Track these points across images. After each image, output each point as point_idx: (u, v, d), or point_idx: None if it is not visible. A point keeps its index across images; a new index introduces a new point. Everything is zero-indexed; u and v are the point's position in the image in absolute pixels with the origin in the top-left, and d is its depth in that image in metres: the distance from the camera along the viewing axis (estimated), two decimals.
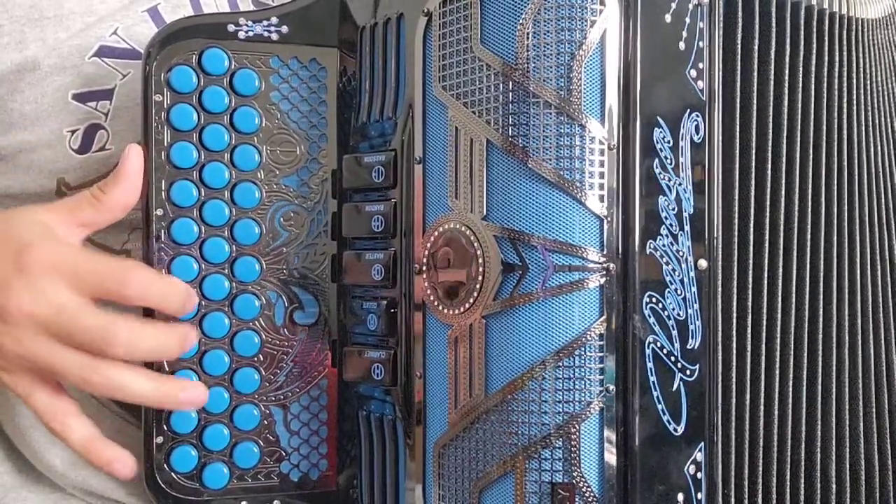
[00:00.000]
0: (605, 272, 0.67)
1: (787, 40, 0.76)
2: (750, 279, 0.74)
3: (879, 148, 0.82)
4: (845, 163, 0.79)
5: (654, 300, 0.68)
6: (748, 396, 0.74)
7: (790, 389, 0.76)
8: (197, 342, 0.75)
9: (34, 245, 0.70)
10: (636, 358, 0.67)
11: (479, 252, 0.68)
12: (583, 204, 0.67)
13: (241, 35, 0.78)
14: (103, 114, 0.82)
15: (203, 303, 0.77)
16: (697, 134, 0.71)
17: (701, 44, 0.71)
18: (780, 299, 0.75)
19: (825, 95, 0.78)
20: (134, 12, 0.83)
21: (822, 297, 0.78)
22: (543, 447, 0.66)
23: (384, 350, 0.76)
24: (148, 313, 0.75)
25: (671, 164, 0.69)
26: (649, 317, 0.68)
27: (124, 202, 0.74)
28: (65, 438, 0.72)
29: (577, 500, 0.66)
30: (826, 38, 0.78)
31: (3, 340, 0.69)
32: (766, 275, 0.75)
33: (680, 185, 0.70)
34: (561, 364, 0.66)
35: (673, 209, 0.69)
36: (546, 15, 0.67)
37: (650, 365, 0.68)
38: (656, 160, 0.68)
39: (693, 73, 0.70)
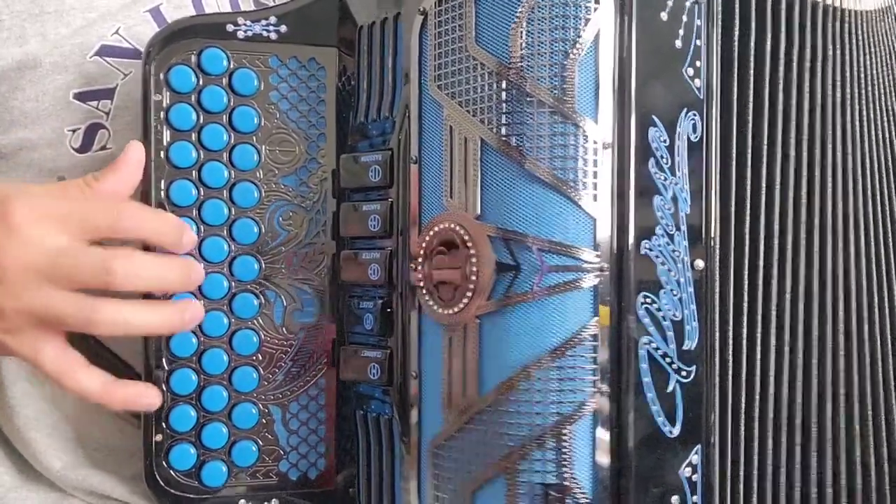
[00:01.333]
0: (599, 272, 0.66)
1: (783, 36, 0.75)
2: (746, 280, 0.73)
3: (876, 144, 0.81)
4: (839, 160, 0.78)
5: (648, 300, 0.67)
6: (744, 398, 0.73)
7: (784, 393, 0.75)
8: (203, 272, 0.76)
9: (15, 197, 0.69)
10: (629, 359, 0.67)
11: (472, 252, 0.68)
12: (577, 204, 0.66)
13: (240, 35, 0.78)
14: (104, 113, 0.82)
15: (202, 302, 0.77)
16: (694, 133, 0.70)
17: (698, 42, 0.70)
18: (774, 301, 0.74)
19: (819, 92, 0.77)
20: (136, 12, 0.84)
21: (816, 298, 0.77)
22: (536, 448, 0.66)
23: (380, 350, 0.76)
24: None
25: (667, 163, 0.69)
26: (644, 317, 0.67)
27: (116, 193, 0.74)
28: (81, 392, 0.71)
29: (568, 502, 0.66)
30: (820, 32, 0.77)
31: (2, 301, 0.68)
32: (762, 275, 0.74)
33: (676, 184, 0.69)
34: (554, 364, 0.66)
35: (669, 209, 0.69)
36: (540, 14, 0.66)
37: (644, 366, 0.67)
38: (652, 160, 0.68)
39: (690, 71, 0.70)
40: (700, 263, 0.70)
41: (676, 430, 0.69)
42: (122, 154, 0.75)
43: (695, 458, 0.69)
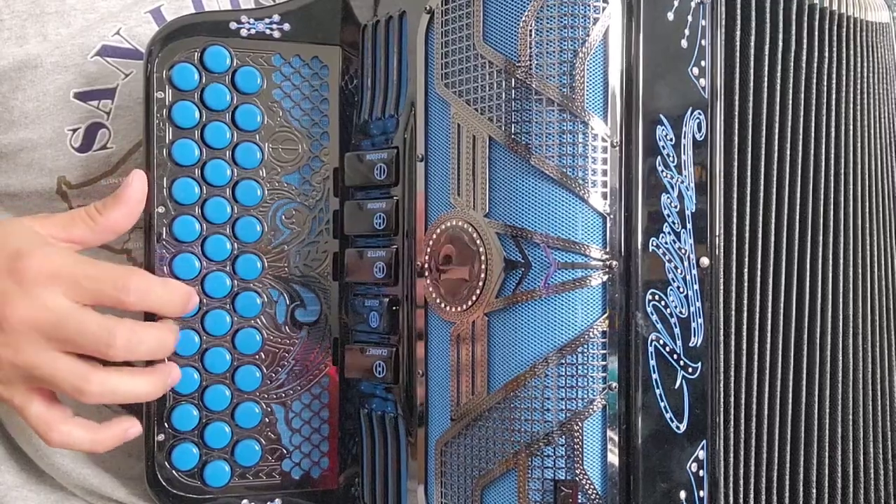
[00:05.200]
0: (607, 269, 0.67)
1: (780, 36, 0.76)
2: (746, 277, 0.74)
3: (877, 148, 0.83)
4: (839, 160, 0.80)
5: (656, 298, 0.68)
6: (744, 394, 0.74)
7: (778, 390, 0.76)
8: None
9: (29, 253, 0.69)
10: (639, 355, 0.67)
11: (481, 249, 0.68)
12: (585, 201, 0.67)
13: (244, 33, 0.78)
14: (105, 112, 0.82)
15: (205, 300, 0.77)
16: (700, 132, 0.71)
17: (703, 42, 0.71)
18: (771, 297, 0.75)
19: (814, 92, 0.78)
20: (137, 13, 0.83)
21: (808, 297, 0.78)
22: (546, 444, 0.66)
23: (386, 348, 0.76)
24: (149, 318, 0.75)
25: (674, 161, 0.69)
26: (652, 314, 0.68)
27: (120, 227, 0.74)
28: (70, 445, 0.72)
29: (579, 497, 0.66)
30: (816, 34, 0.78)
31: (1, 351, 0.69)
32: (761, 273, 0.75)
33: (682, 182, 0.70)
34: (563, 361, 0.66)
35: (675, 207, 0.69)
36: (549, 12, 0.67)
37: (652, 363, 0.68)
38: (659, 158, 0.68)
39: (695, 70, 0.71)
40: (705, 261, 0.71)
41: (683, 426, 0.69)
42: (123, 187, 0.74)
43: (701, 453, 0.70)
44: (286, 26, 0.79)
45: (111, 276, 0.70)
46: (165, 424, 0.77)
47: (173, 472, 0.77)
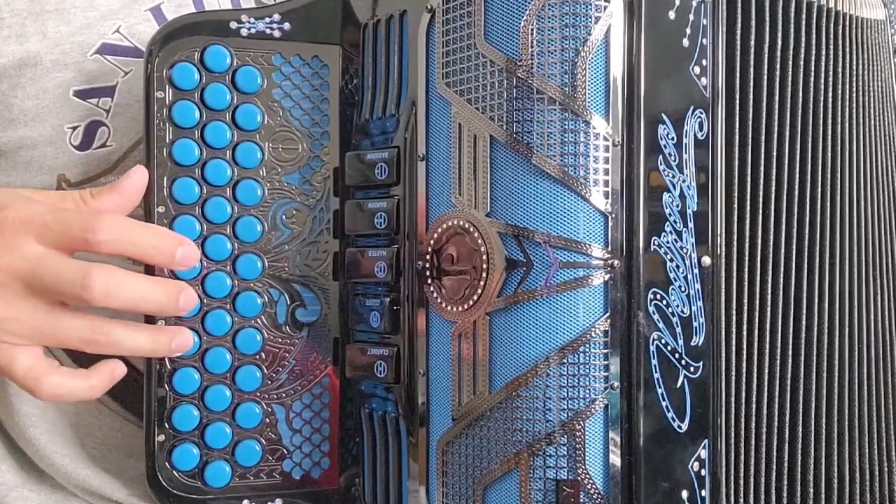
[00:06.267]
0: (609, 269, 0.67)
1: (779, 35, 0.76)
2: (747, 276, 0.74)
3: (874, 145, 0.83)
4: (836, 158, 0.80)
5: (658, 297, 0.68)
6: (744, 393, 0.74)
7: (777, 389, 0.76)
8: (199, 302, 0.75)
9: (7, 205, 0.69)
10: (640, 355, 0.67)
11: (482, 249, 0.68)
12: (587, 200, 0.67)
13: (244, 32, 0.78)
14: (105, 110, 0.82)
15: (205, 300, 0.77)
16: (701, 131, 0.71)
17: (704, 41, 0.71)
18: (771, 296, 0.75)
19: (812, 89, 0.78)
20: (137, 11, 0.83)
21: (806, 296, 0.78)
22: (548, 444, 0.66)
23: (387, 347, 0.76)
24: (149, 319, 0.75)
25: (675, 161, 0.69)
26: (653, 314, 0.68)
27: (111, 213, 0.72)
28: (62, 396, 0.71)
29: (581, 496, 0.66)
30: (814, 32, 0.78)
31: None
32: (761, 272, 0.75)
33: (684, 182, 0.70)
34: (565, 361, 0.66)
35: (677, 206, 0.69)
36: (550, 11, 0.67)
37: (654, 362, 0.68)
38: (660, 157, 0.68)
39: (697, 69, 0.70)
40: (707, 260, 0.71)
41: (685, 425, 0.69)
42: (125, 176, 0.74)
43: (703, 452, 0.70)
44: (286, 26, 0.79)
45: (80, 216, 0.69)
46: (166, 425, 0.76)
47: (174, 472, 0.77)
